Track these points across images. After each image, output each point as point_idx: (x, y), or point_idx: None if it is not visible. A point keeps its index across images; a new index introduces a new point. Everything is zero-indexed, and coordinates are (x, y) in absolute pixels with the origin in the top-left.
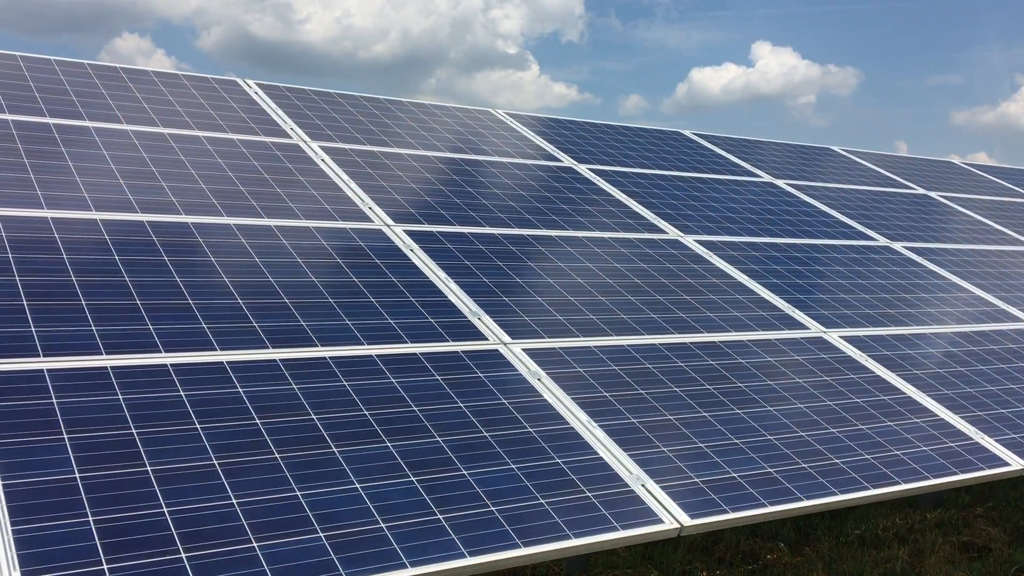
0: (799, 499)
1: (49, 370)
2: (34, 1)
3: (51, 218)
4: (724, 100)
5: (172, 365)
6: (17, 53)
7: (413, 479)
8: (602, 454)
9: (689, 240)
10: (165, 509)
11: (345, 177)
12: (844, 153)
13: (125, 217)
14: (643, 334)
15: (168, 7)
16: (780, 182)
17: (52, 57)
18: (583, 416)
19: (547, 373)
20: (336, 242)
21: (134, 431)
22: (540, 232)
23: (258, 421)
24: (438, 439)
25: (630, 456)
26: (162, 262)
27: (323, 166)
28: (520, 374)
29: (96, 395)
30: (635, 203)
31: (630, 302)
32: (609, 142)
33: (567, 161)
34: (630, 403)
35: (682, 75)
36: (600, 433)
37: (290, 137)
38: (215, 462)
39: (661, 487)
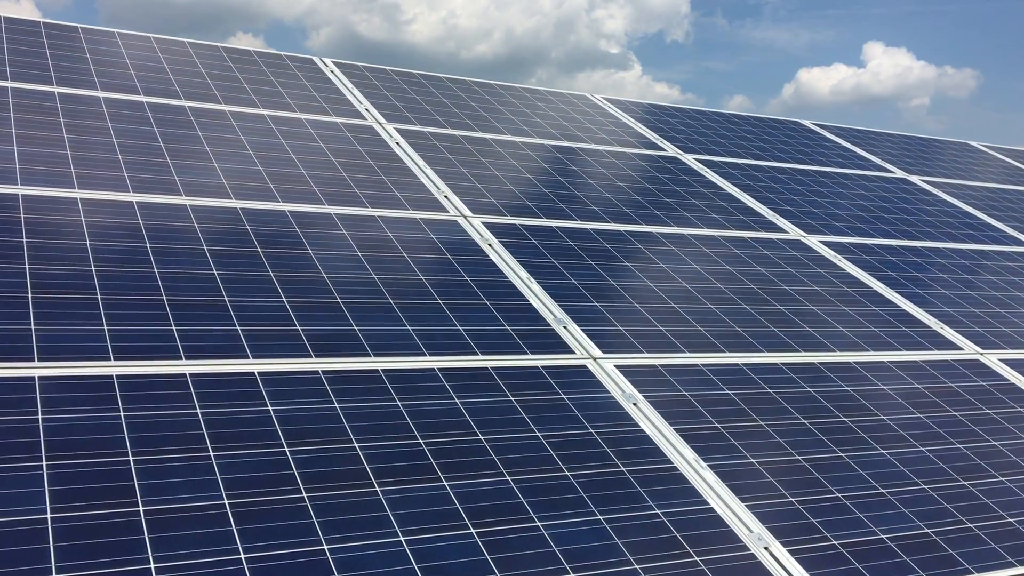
0: (967, 571)
1: (41, 377)
2: (154, 2)
3: (80, 199)
4: (833, 101)
5: (192, 375)
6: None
7: (473, 531)
8: (713, 504)
9: (813, 240)
10: (152, 564)
11: (420, 162)
12: (984, 149)
13: (163, 200)
14: (762, 351)
15: (282, 8)
16: (915, 178)
17: (115, 29)
18: (689, 453)
19: (645, 396)
20: (403, 233)
21: (131, 458)
22: (639, 228)
23: (286, 449)
24: (507, 479)
25: (748, 508)
26: (200, 252)
27: (396, 149)
28: (612, 397)
29: (92, 410)
30: (749, 197)
31: (745, 312)
32: (718, 131)
33: (671, 150)
34: (747, 438)
35: (789, 75)
36: (710, 476)
37: (364, 118)
38: (225, 502)
39: (789, 552)
